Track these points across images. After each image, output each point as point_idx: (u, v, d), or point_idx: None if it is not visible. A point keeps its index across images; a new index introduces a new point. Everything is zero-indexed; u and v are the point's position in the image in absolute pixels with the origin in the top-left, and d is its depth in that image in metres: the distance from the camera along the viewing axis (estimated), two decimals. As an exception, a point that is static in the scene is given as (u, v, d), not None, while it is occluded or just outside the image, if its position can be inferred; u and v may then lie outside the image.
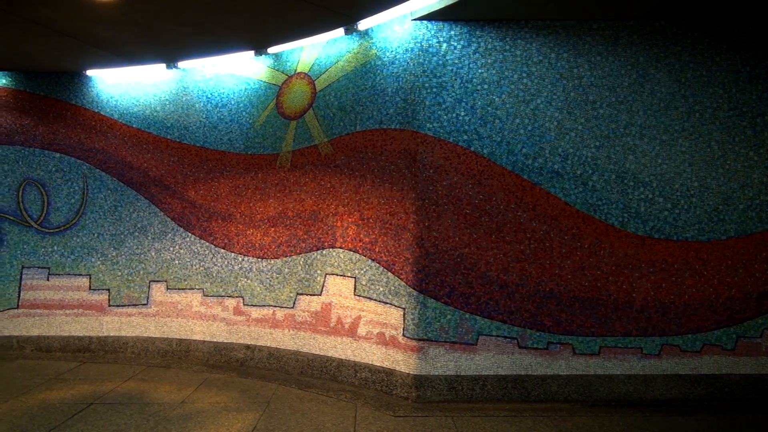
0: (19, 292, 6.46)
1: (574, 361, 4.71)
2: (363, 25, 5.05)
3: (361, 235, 5.13)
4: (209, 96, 6.17)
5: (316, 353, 5.46)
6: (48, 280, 6.46)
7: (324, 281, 5.41)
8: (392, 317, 4.89)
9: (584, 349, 4.71)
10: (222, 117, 6.10)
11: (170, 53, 5.72)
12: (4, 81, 6.48)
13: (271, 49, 5.71)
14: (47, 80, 6.48)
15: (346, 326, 5.24)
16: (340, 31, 5.23)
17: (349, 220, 5.23)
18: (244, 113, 6.00)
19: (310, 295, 5.51)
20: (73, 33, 4.96)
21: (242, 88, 6.01)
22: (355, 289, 5.18)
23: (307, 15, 4.68)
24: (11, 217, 6.47)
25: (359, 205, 5.16)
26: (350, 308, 5.21)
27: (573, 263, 4.71)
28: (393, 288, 4.88)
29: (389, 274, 4.92)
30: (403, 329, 4.80)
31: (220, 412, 4.48)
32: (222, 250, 6.08)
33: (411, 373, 4.73)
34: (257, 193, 5.90)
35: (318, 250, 5.47)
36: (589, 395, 4.71)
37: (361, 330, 5.12)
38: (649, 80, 4.74)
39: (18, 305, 6.46)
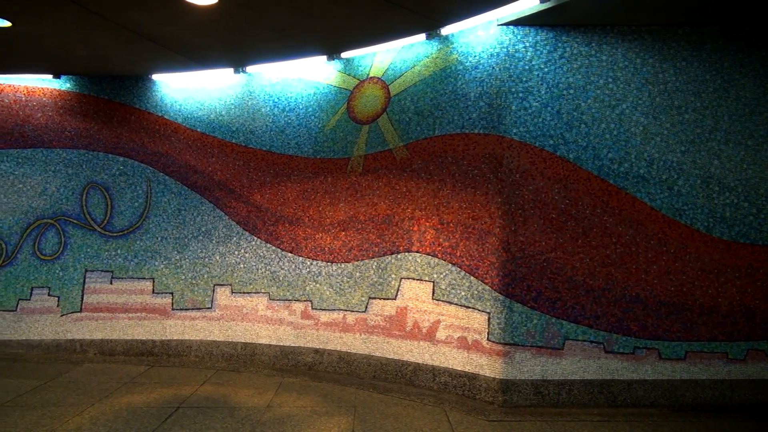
0: (83, 296, 6.47)
1: (660, 365, 4.71)
2: (446, 30, 5.08)
3: (441, 239, 5.14)
4: (276, 100, 6.19)
5: (390, 357, 5.46)
6: (111, 283, 6.47)
7: (399, 285, 5.41)
8: (475, 321, 4.89)
9: (670, 353, 4.71)
10: (289, 121, 6.12)
11: (244, 58, 5.74)
12: (68, 85, 6.51)
13: (344, 54, 5.73)
14: (111, 84, 6.51)
15: (424, 330, 5.24)
16: (419, 36, 5.25)
17: (427, 224, 5.24)
18: (312, 117, 6.01)
19: (384, 299, 5.51)
20: (156, 37, 4.98)
21: (311, 93, 6.03)
22: (433, 293, 5.18)
23: (395, 20, 4.71)
24: (75, 221, 6.48)
25: (438, 209, 5.17)
26: (428, 312, 5.21)
27: (659, 268, 4.71)
28: (476, 292, 4.88)
29: (472, 278, 4.92)
30: (488, 333, 4.80)
31: (311, 416, 4.47)
32: (289, 254, 6.09)
33: (497, 377, 4.72)
34: (327, 197, 5.91)
35: (392, 254, 5.47)
36: (675, 400, 4.70)
37: (441, 334, 5.12)
38: (734, 85, 4.75)
39: (81, 309, 6.46)
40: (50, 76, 6.47)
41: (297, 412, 4.57)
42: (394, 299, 5.45)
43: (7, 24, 4.58)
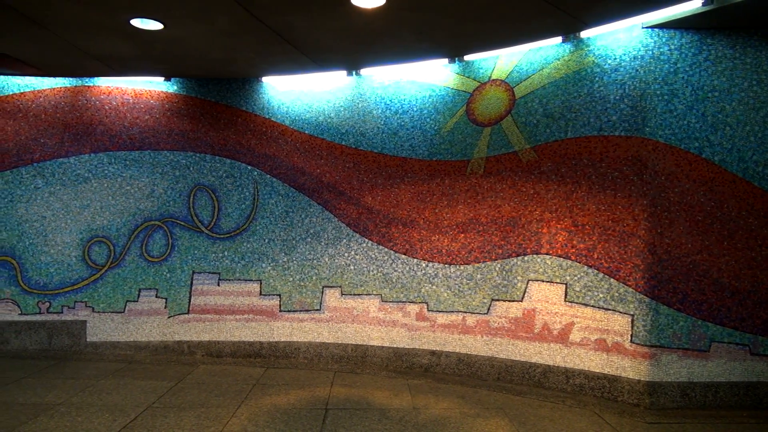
0: (190, 298, 6.49)
1: (805, 368, 4.71)
2: (586, 33, 5.09)
3: (574, 242, 5.15)
4: (388, 102, 6.20)
5: (516, 359, 5.47)
6: (218, 285, 6.49)
7: (526, 287, 5.42)
8: (616, 324, 4.90)
9: (815, 356, 4.71)
10: (403, 123, 6.14)
11: (362, 60, 5.75)
12: (175, 87, 6.53)
13: (467, 57, 5.75)
14: (218, 86, 6.53)
15: (555, 332, 5.24)
16: (554, 39, 5.26)
17: (558, 226, 5.25)
18: (428, 119, 6.03)
19: (509, 301, 5.52)
20: (296, 40, 5.00)
21: (426, 95, 6.04)
22: (566, 295, 5.19)
23: (537, 23, 4.72)
24: (182, 223, 6.50)
25: (571, 211, 5.18)
26: (560, 314, 5.22)
27: (804, 270, 4.71)
28: (617, 294, 4.89)
29: (612, 280, 4.93)
30: (631, 335, 4.81)
31: (465, 418, 4.48)
32: (403, 256, 6.10)
33: (642, 379, 4.73)
34: (444, 199, 5.93)
35: (518, 256, 5.48)
36: (820, 402, 4.70)
37: (575, 336, 5.13)
38: None
39: (189, 310, 6.48)
40: (160, 79, 6.49)
41: (447, 413, 4.58)
42: (521, 301, 5.46)
43: (158, 26, 4.60)
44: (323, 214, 6.39)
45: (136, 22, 4.52)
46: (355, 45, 5.14)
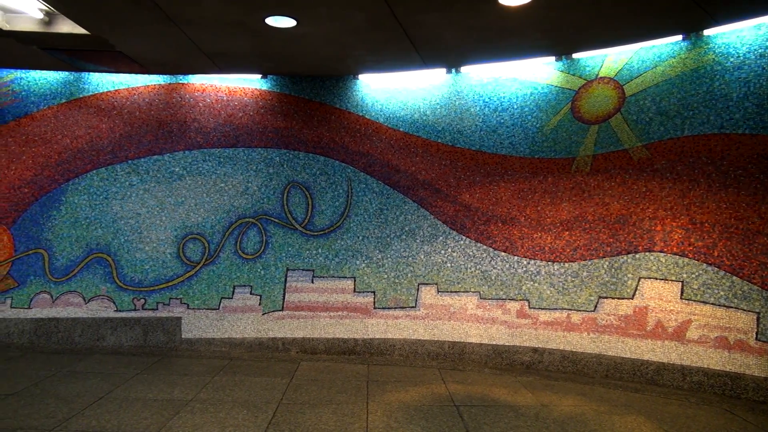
0: (284, 295, 6.51)
1: None
2: (707, 31, 5.08)
3: (692, 239, 5.15)
4: (486, 100, 6.20)
5: (626, 356, 5.48)
6: (312, 282, 6.51)
7: (637, 285, 5.43)
8: (739, 321, 4.90)
9: None
10: (502, 121, 6.14)
11: (471, 58, 5.76)
12: (268, 85, 6.54)
13: (575, 55, 5.74)
14: (312, 84, 6.54)
15: (670, 330, 5.25)
16: (673, 37, 5.25)
17: (674, 224, 5.26)
18: (529, 117, 6.03)
19: (618, 298, 5.53)
20: (417, 38, 5.00)
21: (527, 93, 6.04)
22: (682, 292, 5.20)
23: (661, 22, 4.73)
24: (276, 220, 6.52)
25: (688, 209, 5.18)
26: (675, 312, 5.23)
27: None
28: (740, 292, 4.90)
29: (734, 278, 4.94)
30: (756, 333, 4.82)
31: (600, 415, 4.50)
32: (502, 253, 6.11)
33: (769, 377, 4.74)
34: (546, 196, 5.93)
35: (629, 253, 5.49)
36: None
37: (692, 334, 5.14)
38: None
39: (283, 307, 6.50)
40: (255, 76, 6.49)
41: (578, 410, 4.60)
42: (631, 299, 5.46)
43: (291, 23, 4.60)
44: (419, 212, 6.40)
45: (271, 20, 4.52)
46: (477, 43, 5.14)
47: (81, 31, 4.83)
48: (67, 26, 4.82)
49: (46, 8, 4.71)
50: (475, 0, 4.12)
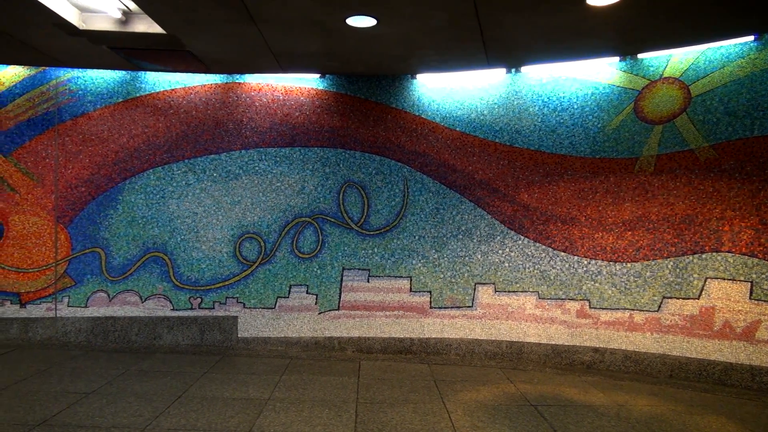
0: (340, 294, 6.52)
1: None
2: (782, 31, 5.08)
3: (762, 240, 5.15)
4: (545, 100, 6.20)
5: (691, 357, 5.48)
6: (368, 281, 6.52)
7: (704, 285, 5.43)
8: (813, 322, 4.91)
9: None
10: (562, 121, 6.14)
11: (535, 58, 5.76)
12: (324, 84, 6.54)
13: (640, 55, 5.74)
14: (368, 83, 6.54)
15: (738, 330, 5.26)
16: (737, 39, 5.25)
17: (742, 224, 5.26)
18: (590, 117, 6.03)
19: (683, 298, 5.53)
20: (491, 38, 5.00)
21: (587, 93, 6.04)
22: (751, 293, 5.20)
23: (737, 22, 4.73)
24: (332, 219, 6.53)
25: (758, 209, 5.18)
26: (744, 312, 5.23)
27: None
28: (814, 292, 4.90)
29: (807, 278, 4.94)
30: (832, 334, 4.82)
31: (680, 416, 4.50)
32: (562, 253, 6.11)
33: None
34: (608, 196, 5.93)
35: (694, 254, 5.49)
36: None
37: (762, 334, 5.14)
38: None
39: (339, 307, 6.51)
40: (313, 76, 6.50)
41: (656, 410, 4.60)
42: (697, 299, 5.47)
43: (371, 23, 4.61)
44: (475, 211, 6.40)
45: (352, 20, 4.53)
46: (548, 43, 5.15)
47: (156, 30, 4.83)
48: (143, 26, 4.83)
49: (125, 8, 4.72)
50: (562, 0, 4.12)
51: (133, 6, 4.70)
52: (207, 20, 4.57)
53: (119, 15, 4.75)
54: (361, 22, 4.58)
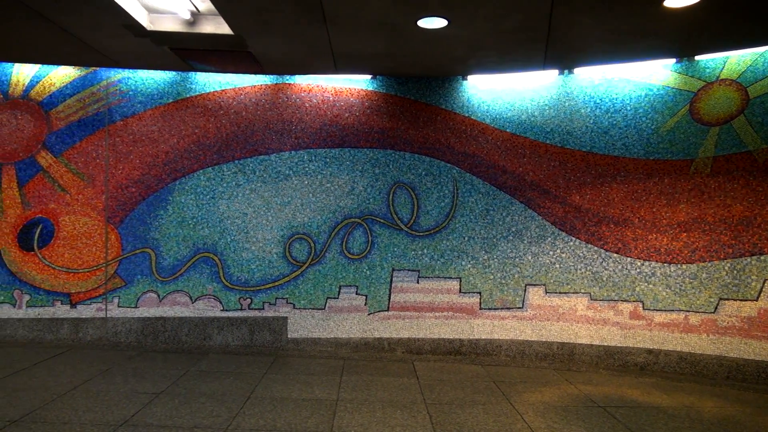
0: (390, 295, 6.52)
1: None
2: None
3: (824, 242, 5.16)
4: (597, 101, 6.21)
5: (749, 358, 5.49)
6: (418, 282, 6.52)
7: (762, 287, 5.44)
8: None
9: None
10: (614, 122, 6.14)
11: (586, 59, 5.77)
12: (374, 85, 6.55)
13: (696, 57, 5.75)
14: (417, 85, 6.55)
15: (799, 332, 5.26)
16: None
17: (803, 226, 5.26)
18: (644, 119, 6.04)
19: (741, 300, 5.54)
20: (557, 40, 5.01)
21: (641, 94, 6.05)
22: (812, 295, 5.21)
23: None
24: (382, 220, 6.53)
25: (820, 211, 5.19)
26: (805, 314, 5.24)
27: None
28: None
29: None
30: None
31: (752, 417, 4.51)
32: (614, 255, 6.12)
33: None
34: (662, 198, 5.94)
35: (753, 255, 5.49)
36: None
37: (824, 336, 5.15)
38: None
39: (388, 307, 6.52)
40: (363, 77, 6.51)
41: (726, 412, 4.60)
42: (756, 300, 5.47)
43: (442, 24, 4.62)
44: (526, 213, 6.41)
45: (423, 21, 4.53)
46: (611, 45, 5.15)
47: (224, 31, 4.84)
48: (210, 26, 4.84)
49: (194, 9, 4.73)
50: (639, 1, 4.13)
51: (203, 7, 4.71)
52: (276, 21, 4.57)
53: (188, 16, 4.75)
54: (432, 23, 4.58)
